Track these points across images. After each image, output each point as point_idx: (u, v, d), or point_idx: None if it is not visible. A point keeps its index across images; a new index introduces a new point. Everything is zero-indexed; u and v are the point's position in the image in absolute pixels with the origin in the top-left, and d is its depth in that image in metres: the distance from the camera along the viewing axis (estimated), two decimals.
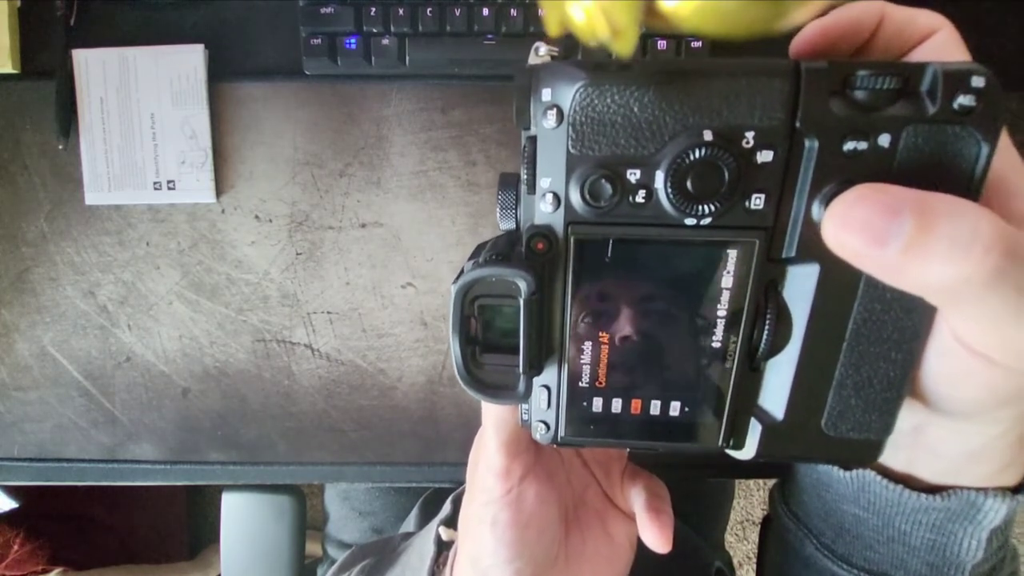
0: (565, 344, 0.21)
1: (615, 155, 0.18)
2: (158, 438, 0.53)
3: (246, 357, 0.53)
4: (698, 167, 0.18)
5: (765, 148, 0.18)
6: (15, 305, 0.52)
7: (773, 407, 0.21)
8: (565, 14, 0.15)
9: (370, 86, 0.51)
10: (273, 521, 0.61)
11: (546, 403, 0.22)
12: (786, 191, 0.19)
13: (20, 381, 0.53)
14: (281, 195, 0.52)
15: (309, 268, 0.52)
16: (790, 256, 0.19)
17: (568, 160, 0.19)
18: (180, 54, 0.50)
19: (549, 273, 0.20)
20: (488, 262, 0.20)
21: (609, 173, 0.18)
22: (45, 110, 0.50)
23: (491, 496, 0.28)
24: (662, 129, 0.18)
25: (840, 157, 0.18)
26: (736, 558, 1.32)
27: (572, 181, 0.19)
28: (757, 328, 0.20)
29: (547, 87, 0.18)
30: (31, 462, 0.53)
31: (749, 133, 0.18)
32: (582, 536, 0.31)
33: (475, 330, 0.21)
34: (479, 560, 0.28)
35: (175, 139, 0.51)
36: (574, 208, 0.19)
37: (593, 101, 0.18)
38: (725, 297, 0.20)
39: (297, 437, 0.53)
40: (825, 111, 0.17)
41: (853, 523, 0.27)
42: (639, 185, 0.19)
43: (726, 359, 0.21)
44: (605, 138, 0.18)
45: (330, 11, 0.49)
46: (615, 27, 0.14)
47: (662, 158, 0.18)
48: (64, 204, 0.52)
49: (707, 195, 0.18)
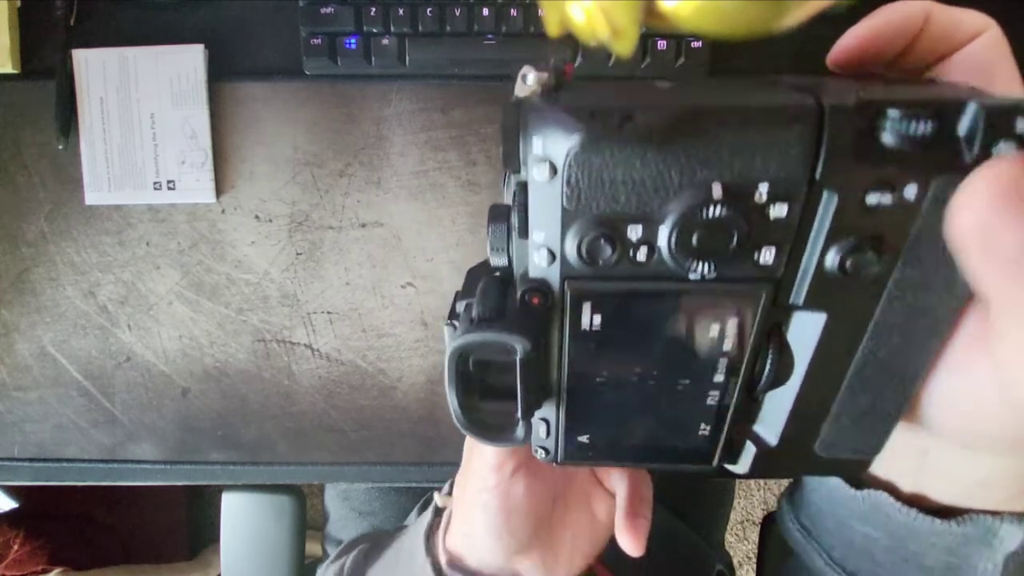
0: (563, 387, 0.21)
1: (615, 211, 0.17)
2: (158, 438, 0.53)
3: (246, 357, 0.53)
4: (705, 226, 0.16)
5: (779, 202, 0.16)
6: (15, 305, 0.52)
7: (768, 434, 0.21)
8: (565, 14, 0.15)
9: (370, 86, 0.51)
10: (273, 521, 0.61)
11: (545, 433, 0.22)
12: (799, 241, 0.17)
13: (20, 381, 0.53)
14: (281, 195, 0.52)
15: (309, 268, 0.52)
16: (796, 303, 0.18)
17: (563, 215, 0.17)
18: (180, 54, 0.50)
19: (544, 324, 0.19)
20: (482, 324, 0.19)
21: (608, 232, 0.17)
22: (45, 110, 0.50)
23: (484, 485, 0.30)
24: (666, 184, 0.16)
25: (861, 210, 0.16)
26: (736, 558, 1.32)
27: (568, 237, 0.17)
28: (759, 363, 0.19)
29: (538, 136, 0.16)
30: (31, 462, 0.53)
31: (762, 186, 0.16)
32: (567, 508, 0.33)
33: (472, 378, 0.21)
34: (469, 531, 0.31)
35: (175, 139, 0.51)
36: (570, 264, 0.18)
37: (590, 159, 0.16)
38: (728, 344, 0.19)
39: (297, 437, 0.53)
40: (849, 162, 0.16)
41: (864, 542, 0.26)
42: (641, 242, 0.17)
43: (725, 396, 0.20)
44: (603, 194, 0.16)
45: (330, 11, 0.49)
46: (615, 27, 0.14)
47: (666, 214, 0.16)
48: (64, 204, 0.52)
49: (713, 253, 0.17)
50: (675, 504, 0.62)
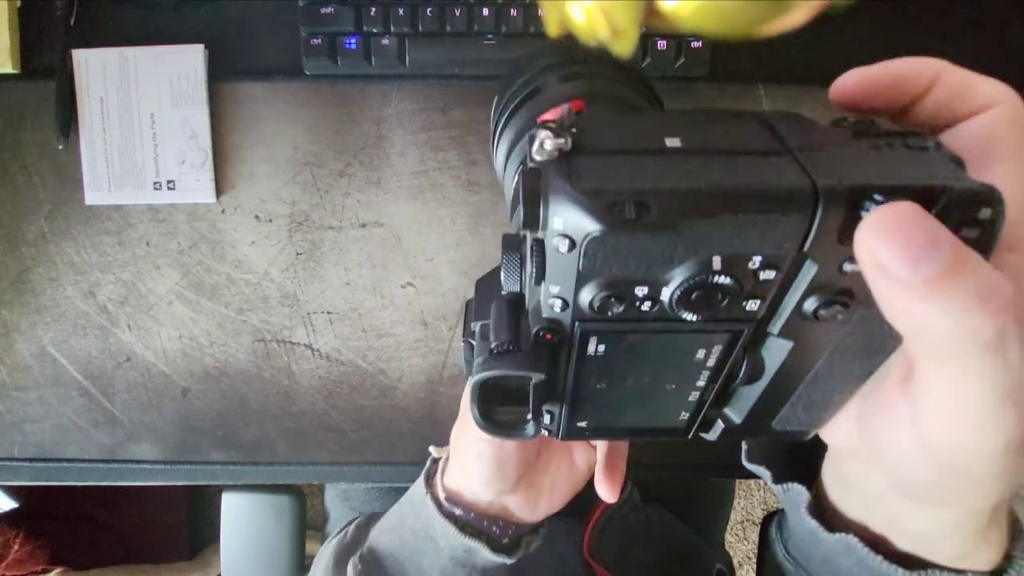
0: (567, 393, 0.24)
1: (625, 277, 0.19)
2: (158, 438, 0.53)
3: (246, 357, 0.53)
4: (703, 288, 0.18)
5: (769, 269, 0.18)
6: (15, 305, 0.52)
7: (735, 415, 0.25)
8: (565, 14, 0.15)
9: (370, 86, 0.51)
10: (273, 521, 0.61)
11: (549, 419, 0.26)
12: (780, 293, 0.20)
13: (20, 381, 0.53)
14: (281, 195, 0.52)
15: (309, 268, 0.52)
16: (772, 332, 0.21)
17: (578, 278, 0.19)
18: (180, 54, 0.50)
19: (555, 354, 0.22)
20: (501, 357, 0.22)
21: (619, 292, 0.19)
22: (45, 110, 0.50)
23: (479, 435, 0.33)
24: (672, 257, 0.18)
25: (837, 275, 0.18)
26: (736, 558, 1.32)
27: (581, 294, 0.19)
28: (733, 374, 0.23)
29: (558, 217, 0.18)
30: (31, 462, 0.53)
31: (756, 258, 0.18)
32: (549, 456, 0.38)
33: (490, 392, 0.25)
34: (464, 473, 0.37)
35: (175, 139, 0.51)
36: (582, 311, 0.20)
37: (607, 243, 0.18)
38: (711, 360, 0.22)
39: (297, 437, 0.53)
40: (833, 241, 0.17)
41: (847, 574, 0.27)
42: (646, 298, 0.19)
43: (704, 394, 0.24)
44: (616, 264, 0.18)
45: (330, 11, 0.49)
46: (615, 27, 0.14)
47: (671, 279, 0.19)
48: (64, 204, 0.52)
49: (708, 308, 0.19)
50: (675, 504, 0.62)
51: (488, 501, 0.37)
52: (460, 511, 0.37)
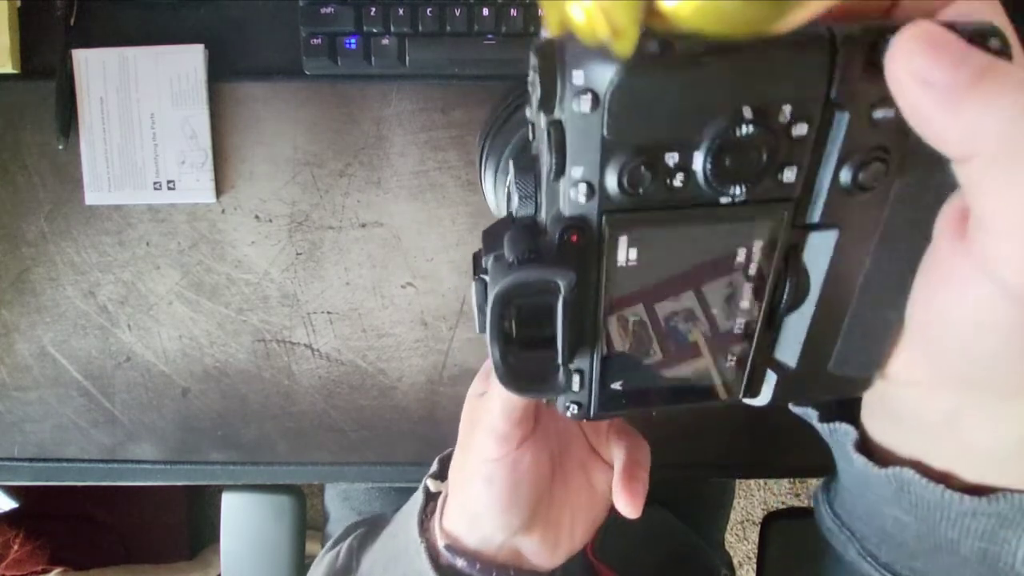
0: (599, 329, 0.21)
1: (653, 140, 0.18)
2: (158, 438, 0.53)
3: (246, 357, 0.53)
4: (738, 146, 0.17)
5: (801, 122, 0.18)
6: (15, 305, 0.52)
7: (787, 357, 0.22)
8: (565, 14, 0.15)
9: (370, 86, 0.51)
10: (273, 521, 0.61)
11: (579, 385, 0.23)
12: (815, 160, 0.19)
13: (20, 381, 0.53)
14: (281, 195, 0.52)
15: (309, 268, 0.52)
16: (813, 222, 0.20)
17: (604, 147, 0.18)
18: (180, 54, 0.50)
19: (583, 264, 0.20)
20: (525, 263, 0.20)
21: (649, 159, 0.18)
22: (45, 110, 0.50)
23: (489, 457, 0.29)
24: (701, 110, 0.17)
25: (869, 126, 0.18)
26: (736, 558, 1.32)
27: (608, 169, 0.18)
28: (778, 291, 0.21)
29: (579, 69, 0.17)
30: (31, 462, 0.53)
31: (786, 107, 0.17)
32: (565, 483, 0.33)
33: (512, 329, 0.21)
34: (470, 507, 0.31)
35: (175, 139, 0.51)
36: (609, 196, 0.18)
37: (632, 83, 0.17)
38: (753, 268, 0.20)
39: (297, 437, 0.53)
40: (858, 82, 0.17)
41: (896, 528, 0.25)
42: (677, 168, 0.18)
43: (750, 324, 0.21)
44: (643, 122, 0.17)
45: (330, 11, 0.49)
46: (615, 27, 0.14)
47: (701, 140, 0.18)
48: (64, 204, 0.52)
49: (745, 173, 0.18)
50: (675, 504, 0.62)
51: (499, 544, 0.31)
52: (463, 562, 0.31)
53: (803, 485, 1.36)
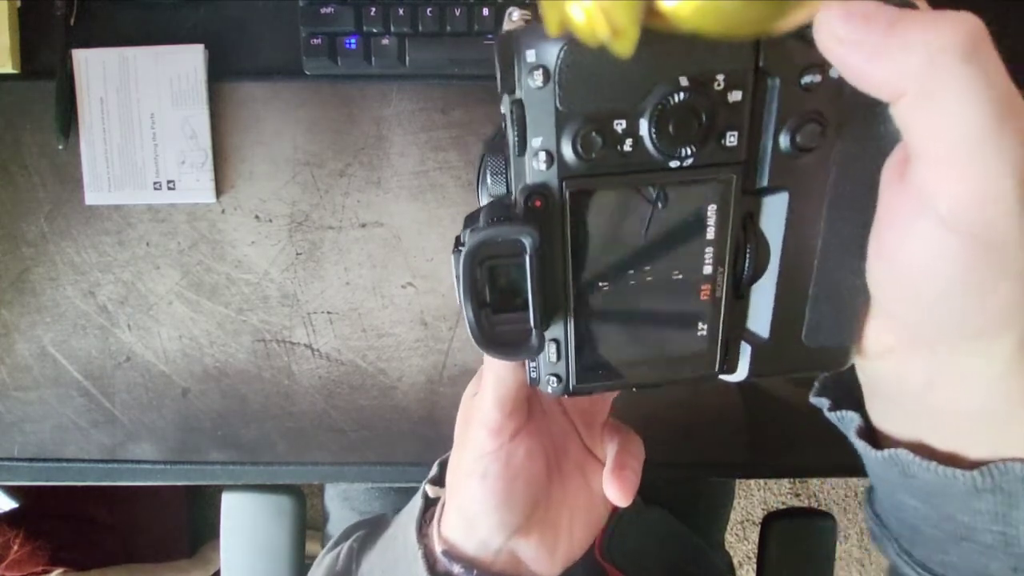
0: (570, 295, 0.22)
1: (601, 108, 0.19)
2: (158, 438, 0.53)
3: (246, 357, 0.53)
4: (678, 112, 0.19)
5: (735, 89, 0.19)
6: (15, 305, 0.52)
7: (759, 328, 0.23)
8: (565, 14, 0.15)
9: (370, 86, 0.51)
10: (273, 521, 0.61)
11: (556, 355, 0.24)
12: (755, 126, 0.20)
13: (20, 381, 0.53)
14: (281, 195, 0.52)
15: (309, 268, 0.52)
16: (763, 187, 0.21)
17: (557, 117, 0.19)
18: (180, 54, 0.50)
19: (548, 229, 0.21)
20: (492, 224, 0.21)
21: (598, 126, 0.19)
22: (45, 110, 0.50)
23: (483, 450, 0.30)
24: (642, 80, 0.19)
25: (799, 90, 0.20)
26: (736, 558, 1.32)
27: (563, 137, 0.20)
28: (739, 258, 0.22)
29: (530, 48, 0.19)
30: (31, 462, 0.53)
31: (720, 76, 0.19)
32: (563, 484, 0.32)
33: (484, 292, 0.22)
34: (467, 508, 0.31)
35: (175, 139, 0.51)
36: (567, 163, 0.20)
37: (577, 58, 0.19)
38: (711, 233, 0.22)
39: (297, 437, 0.53)
40: (784, 51, 0.19)
41: (916, 518, 0.25)
42: (625, 134, 0.20)
43: (715, 290, 0.23)
44: (591, 93, 0.19)
45: (330, 11, 0.49)
46: (615, 27, 0.14)
47: (645, 107, 0.19)
48: (64, 204, 0.52)
49: (687, 137, 0.19)
50: (675, 504, 0.62)
51: (496, 549, 0.31)
52: (460, 568, 0.31)
53: (803, 485, 1.36)
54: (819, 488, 1.35)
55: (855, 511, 1.34)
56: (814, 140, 0.20)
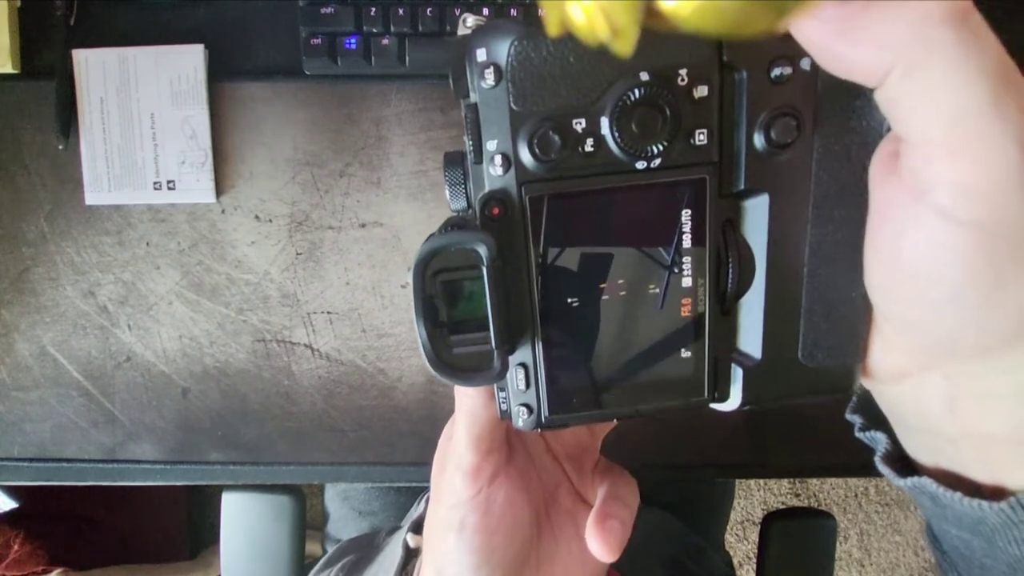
0: (536, 313, 0.20)
1: (558, 107, 0.18)
2: (158, 438, 0.53)
3: (246, 357, 0.53)
4: (640, 108, 0.18)
5: (700, 84, 0.18)
6: (15, 305, 0.52)
7: (750, 347, 0.21)
8: (565, 14, 0.15)
9: (370, 86, 0.51)
10: (273, 521, 0.61)
11: (524, 383, 0.21)
12: (726, 124, 0.19)
13: (20, 381, 0.53)
14: (281, 195, 0.52)
15: (309, 268, 0.52)
16: (740, 189, 0.20)
17: (512, 118, 0.18)
18: (180, 54, 0.50)
19: (508, 240, 0.20)
20: (444, 233, 0.20)
21: (555, 125, 0.18)
22: (45, 110, 0.50)
23: (459, 498, 0.26)
24: (600, 76, 0.18)
25: (769, 84, 0.18)
26: (736, 558, 1.32)
27: (519, 138, 0.19)
28: (722, 270, 0.20)
29: (481, 47, 0.18)
30: (31, 462, 0.53)
31: (682, 71, 0.18)
32: (553, 537, 0.29)
33: (440, 310, 0.20)
34: (444, 568, 0.26)
35: (175, 139, 0.50)
36: (525, 166, 0.19)
37: (529, 54, 0.18)
38: (687, 240, 0.20)
39: (297, 437, 0.53)
40: (749, 44, 0.18)
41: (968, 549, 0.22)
42: (586, 133, 0.19)
43: (698, 305, 0.21)
44: (546, 91, 0.18)
45: (330, 11, 0.49)
46: (615, 27, 0.14)
47: (604, 104, 0.18)
48: (64, 204, 0.52)
49: (652, 135, 0.18)
50: (675, 504, 0.62)
51: None
52: None
53: (803, 485, 1.36)
54: (819, 488, 1.35)
55: (855, 511, 1.34)
56: (789, 135, 0.19)
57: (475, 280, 0.19)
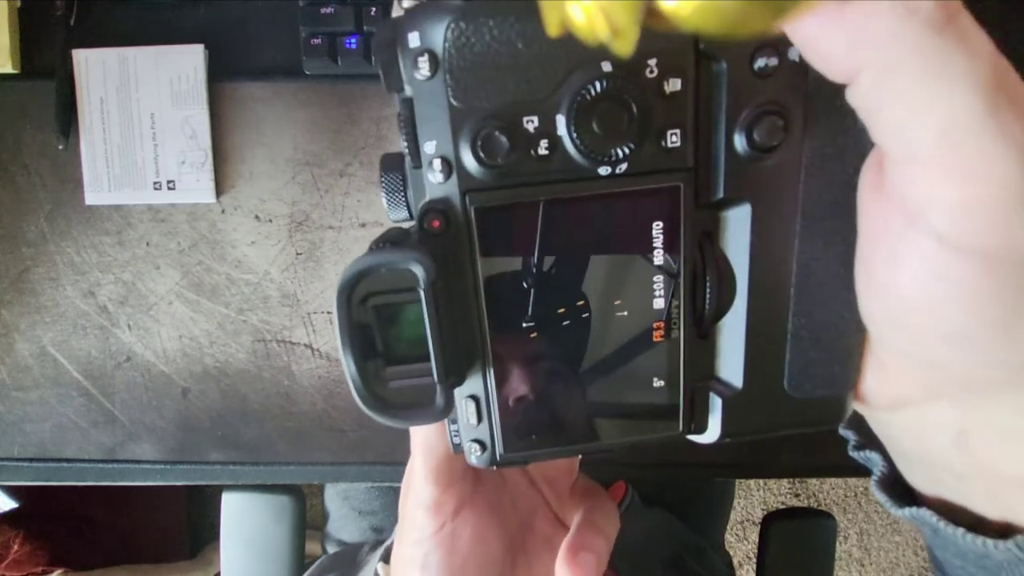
0: (486, 340, 0.18)
1: (506, 102, 0.16)
2: (158, 438, 0.53)
3: (246, 357, 0.53)
4: (602, 104, 0.15)
5: (672, 76, 0.16)
6: (15, 305, 0.52)
7: (731, 376, 0.19)
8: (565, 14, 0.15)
9: (370, 86, 0.51)
10: (273, 521, 0.61)
11: (476, 417, 0.19)
12: (702, 123, 0.16)
13: (20, 381, 0.53)
14: (281, 195, 0.52)
15: (309, 268, 0.52)
16: (719, 199, 0.17)
17: (452, 115, 0.16)
18: (180, 54, 0.50)
19: (452, 257, 0.17)
20: (374, 250, 0.17)
21: (502, 124, 0.16)
22: (45, 110, 0.50)
23: (422, 534, 0.24)
24: (555, 66, 0.15)
25: (752, 77, 0.16)
26: (736, 558, 1.32)
27: (461, 140, 0.16)
28: (698, 289, 0.18)
29: (413, 31, 0.15)
30: (31, 462, 0.53)
31: (651, 60, 0.16)
32: (528, 567, 0.27)
33: (375, 338, 0.17)
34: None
35: (175, 139, 0.50)
36: (468, 172, 0.16)
37: (469, 39, 0.15)
38: (658, 257, 0.17)
39: (297, 437, 0.53)
40: None
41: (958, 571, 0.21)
42: (539, 134, 0.16)
43: (671, 329, 0.18)
44: (491, 83, 0.15)
45: (330, 11, 0.48)
46: (615, 27, 0.14)
47: (560, 99, 0.16)
48: (64, 204, 0.52)
49: (616, 135, 0.16)
50: (675, 504, 0.62)
51: None
52: None
53: (803, 485, 1.36)
54: (819, 488, 1.35)
55: (855, 511, 1.34)
56: (775, 137, 0.16)
57: (413, 304, 0.17)
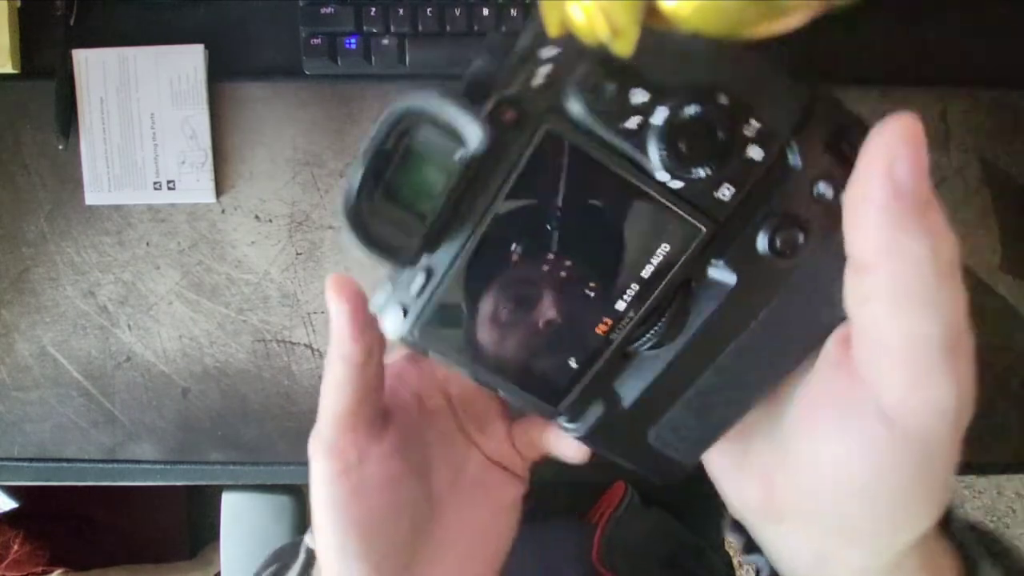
0: (475, 233, 0.18)
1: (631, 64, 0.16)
2: (158, 438, 0.53)
3: (246, 357, 0.53)
4: (697, 124, 0.17)
5: (759, 145, 0.17)
6: (15, 305, 0.52)
7: (625, 394, 0.21)
8: (565, 14, 0.15)
9: (370, 86, 0.51)
10: (273, 521, 0.61)
11: (419, 288, 0.20)
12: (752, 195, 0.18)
13: (20, 381, 0.53)
14: (281, 195, 0.52)
15: (309, 268, 0.52)
16: (718, 259, 0.19)
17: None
18: (180, 54, 0.50)
19: (498, 152, 0.17)
20: (449, 96, 0.17)
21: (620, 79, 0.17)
22: (45, 110, 0.50)
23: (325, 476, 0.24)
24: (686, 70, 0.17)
25: (807, 194, 0.18)
26: (736, 558, 1.32)
27: (579, 65, 0.17)
28: (651, 321, 0.20)
29: None
30: (31, 462, 0.53)
31: (754, 121, 0.17)
32: (457, 509, 0.26)
33: (387, 170, 0.18)
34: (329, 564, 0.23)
35: (175, 139, 0.50)
36: (568, 96, 0.17)
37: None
38: (647, 271, 0.19)
39: (297, 437, 0.53)
40: (819, 143, 0.18)
41: None
42: (637, 110, 0.17)
43: (613, 331, 0.20)
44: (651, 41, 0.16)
45: (330, 11, 0.49)
46: (615, 27, 0.14)
47: (671, 95, 0.17)
48: (64, 204, 0.52)
49: (693, 159, 0.17)
50: (674, 504, 0.62)
51: None
52: None
53: None
54: None
55: None
56: (789, 248, 0.18)
57: (443, 160, 0.17)
